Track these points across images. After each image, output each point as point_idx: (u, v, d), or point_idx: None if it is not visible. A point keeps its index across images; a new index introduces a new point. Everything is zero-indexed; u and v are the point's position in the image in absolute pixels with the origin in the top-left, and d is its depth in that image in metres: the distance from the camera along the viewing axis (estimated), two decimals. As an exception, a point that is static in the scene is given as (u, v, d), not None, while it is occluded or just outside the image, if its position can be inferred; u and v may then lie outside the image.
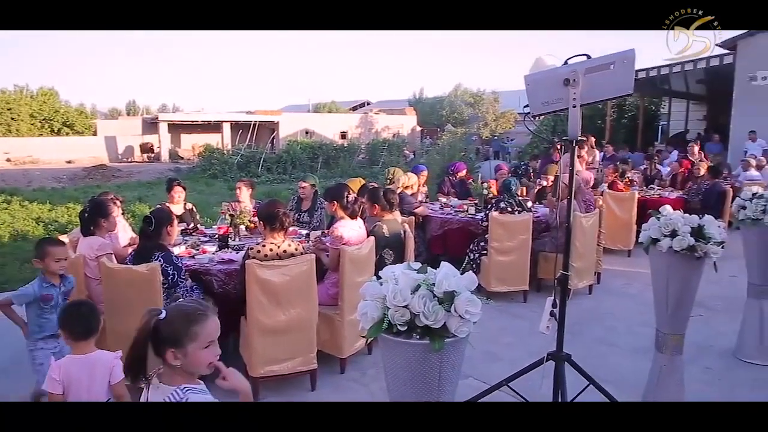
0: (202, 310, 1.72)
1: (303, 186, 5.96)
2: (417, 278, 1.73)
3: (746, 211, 4.27)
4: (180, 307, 1.75)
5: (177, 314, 1.71)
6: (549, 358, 3.28)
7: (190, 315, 1.70)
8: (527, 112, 3.08)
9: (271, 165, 21.89)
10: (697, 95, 21.41)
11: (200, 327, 1.67)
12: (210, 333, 1.69)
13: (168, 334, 1.66)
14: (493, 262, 5.55)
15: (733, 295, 5.36)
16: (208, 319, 1.70)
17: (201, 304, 1.77)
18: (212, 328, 1.71)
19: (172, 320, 1.68)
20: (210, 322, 1.70)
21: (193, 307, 1.74)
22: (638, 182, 9.27)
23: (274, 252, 3.75)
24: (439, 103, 40.55)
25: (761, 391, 3.89)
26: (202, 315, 1.70)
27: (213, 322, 1.72)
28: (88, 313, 2.69)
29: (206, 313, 1.71)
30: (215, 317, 1.74)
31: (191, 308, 1.73)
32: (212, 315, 1.73)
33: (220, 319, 1.74)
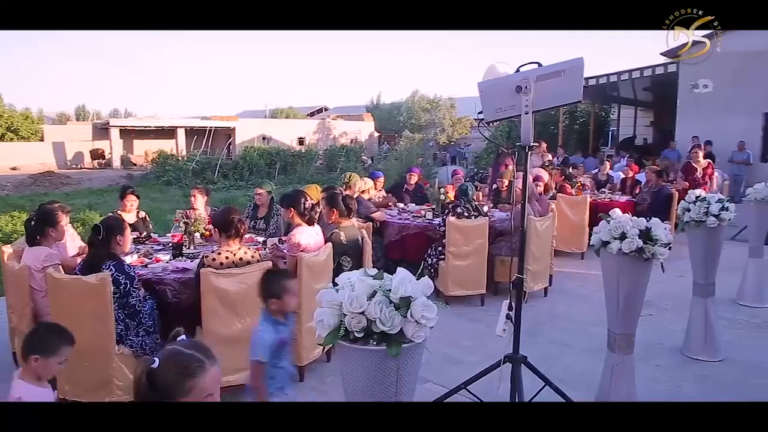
0: (200, 361, 1.54)
1: (259, 193, 5.89)
2: (373, 284, 1.73)
3: (690, 213, 4.45)
4: (176, 357, 1.56)
5: (172, 365, 1.53)
6: (506, 360, 3.33)
7: (186, 367, 1.52)
8: (481, 119, 3.13)
9: (228, 171, 21.55)
10: (644, 102, 22.27)
11: (197, 381, 1.51)
12: (208, 386, 1.52)
13: (161, 387, 1.51)
14: (450, 267, 5.60)
15: (680, 295, 5.56)
16: (207, 371, 1.53)
17: (199, 352, 1.57)
18: (211, 380, 1.54)
19: (166, 371, 1.52)
20: (208, 375, 1.53)
21: (191, 357, 1.55)
22: (590, 186, 9.55)
23: (229, 260, 3.69)
24: (397, 109, 40.88)
25: (706, 386, 4.05)
26: (199, 368, 1.52)
27: (212, 374, 1.54)
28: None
29: (204, 365, 1.53)
30: (215, 368, 1.56)
31: (189, 359, 1.54)
32: (212, 365, 1.55)
33: (171, 330, 1.66)
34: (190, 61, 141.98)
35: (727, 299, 5.78)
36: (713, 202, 4.38)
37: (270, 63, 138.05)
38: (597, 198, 8.74)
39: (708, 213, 4.36)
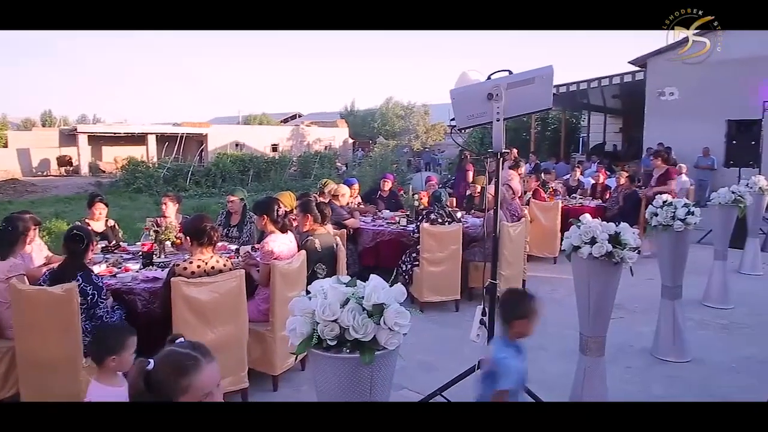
0: (194, 358, 1.54)
1: (231, 200, 5.83)
2: (346, 292, 1.72)
3: (658, 217, 4.55)
4: (170, 356, 1.57)
5: (166, 364, 1.54)
6: (480, 365, 3.35)
7: (180, 365, 1.53)
8: (454, 125, 3.16)
9: (200, 178, 21.28)
10: (614, 109, 22.75)
11: (192, 378, 1.51)
12: (205, 384, 1.52)
13: (157, 388, 1.50)
14: (424, 273, 5.62)
15: (649, 297, 5.66)
16: (202, 368, 1.53)
17: (194, 350, 1.58)
18: (207, 377, 1.54)
19: (161, 371, 1.52)
20: (204, 371, 1.53)
21: (185, 355, 1.56)
22: (562, 192, 9.70)
23: (201, 269, 3.63)
24: (371, 115, 40.97)
25: (675, 386, 4.13)
26: (193, 365, 1.52)
27: (208, 372, 1.54)
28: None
29: (199, 362, 1.53)
30: (212, 364, 1.56)
31: (182, 357, 1.55)
32: (207, 363, 1.55)
33: (142, 341, 1.65)
34: (162, 67, 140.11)
35: (694, 301, 5.91)
36: (679, 206, 4.49)
37: (243, 69, 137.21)
38: (568, 203, 8.88)
39: (675, 217, 4.46)
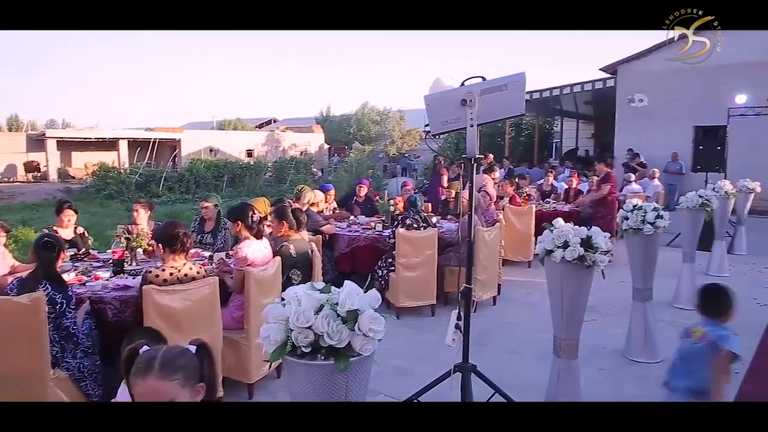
0: (147, 364, 1.58)
1: (205, 206, 5.76)
2: (320, 298, 1.71)
3: (628, 221, 4.64)
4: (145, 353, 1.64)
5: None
6: (455, 370, 3.37)
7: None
8: (428, 131, 3.18)
9: (173, 184, 20.98)
10: (586, 115, 23.17)
11: (135, 381, 1.56)
12: (147, 394, 1.56)
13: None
14: (400, 278, 5.63)
15: (621, 299, 5.75)
16: (146, 379, 1.56)
17: (162, 359, 1.61)
18: (150, 389, 1.56)
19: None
20: (144, 385, 1.56)
21: (145, 357, 1.61)
22: (536, 197, 9.82)
23: (174, 276, 3.58)
24: (347, 120, 40.97)
25: (646, 386, 4.20)
26: (139, 370, 1.57)
27: (147, 386, 1.56)
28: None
29: (149, 371, 1.57)
30: (156, 382, 1.56)
31: (142, 358, 1.61)
32: (152, 378, 1.57)
33: (113, 351, 1.64)
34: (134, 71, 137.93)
35: (665, 302, 6.03)
36: (649, 210, 4.58)
37: (217, 74, 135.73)
38: (542, 208, 8.99)
39: (645, 221, 4.55)
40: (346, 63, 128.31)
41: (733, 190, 7.81)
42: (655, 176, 12.23)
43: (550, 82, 17.76)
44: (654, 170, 12.76)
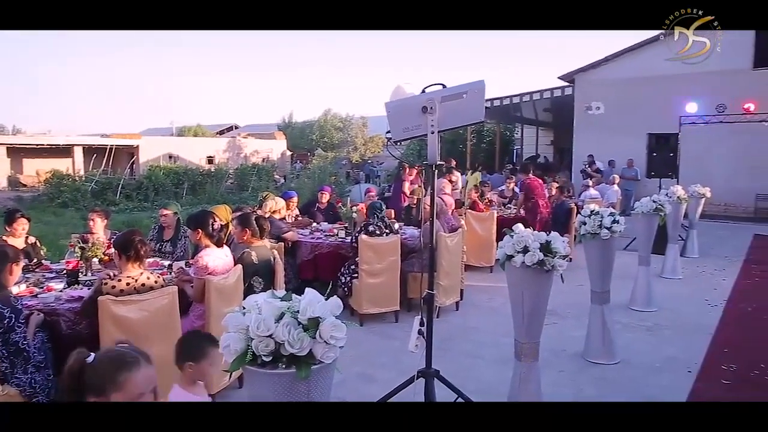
0: (135, 357, 1.62)
1: (164, 214, 5.64)
2: (281, 306, 1.70)
3: (586, 226, 4.75)
4: (112, 351, 1.67)
5: (107, 358, 1.62)
6: (419, 375, 3.38)
7: (121, 360, 1.60)
8: (389, 137, 3.19)
9: (131, 192, 20.49)
10: (545, 122, 23.70)
11: (130, 375, 1.57)
12: (140, 384, 1.58)
13: (92, 381, 1.55)
14: (363, 285, 5.62)
15: (580, 302, 5.88)
16: (140, 367, 1.60)
17: (136, 351, 1.67)
18: (144, 377, 1.60)
19: (100, 364, 1.58)
20: (141, 371, 1.60)
21: (126, 353, 1.64)
22: (497, 202, 9.96)
23: (131, 286, 3.48)
24: (309, 127, 40.89)
25: (605, 387, 4.31)
26: (133, 362, 1.59)
27: (144, 372, 1.60)
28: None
29: (138, 361, 1.61)
30: (150, 369, 1.62)
31: (124, 353, 1.63)
32: (145, 365, 1.62)
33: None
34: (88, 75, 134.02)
35: (621, 305, 6.20)
36: (606, 215, 4.70)
37: (176, 79, 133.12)
38: (503, 213, 9.13)
39: (602, 226, 4.67)
40: (308, 69, 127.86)
41: (685, 196, 8.10)
42: (615, 182, 12.58)
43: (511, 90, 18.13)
44: (614, 176, 13.13)
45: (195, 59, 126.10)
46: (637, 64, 15.70)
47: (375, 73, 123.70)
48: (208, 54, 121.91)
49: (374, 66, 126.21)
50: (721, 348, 5.11)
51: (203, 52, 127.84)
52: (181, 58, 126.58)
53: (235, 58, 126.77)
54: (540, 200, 8.40)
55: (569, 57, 55.32)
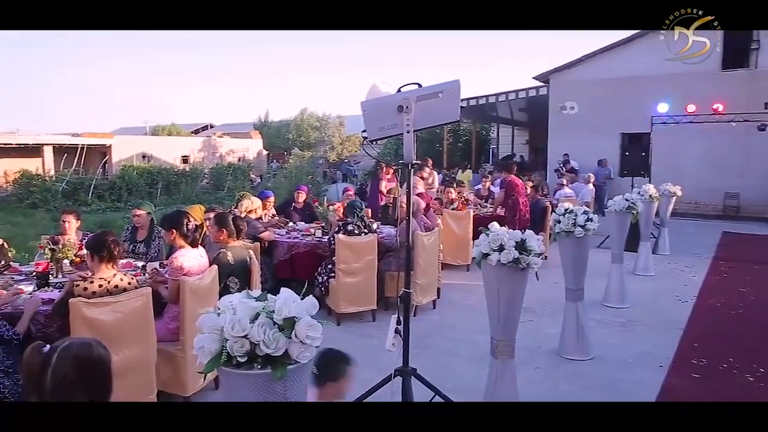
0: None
1: (138, 214, 5.55)
2: (256, 306, 1.68)
3: (561, 224, 4.81)
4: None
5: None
6: (396, 374, 3.39)
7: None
8: (365, 137, 3.20)
9: (104, 192, 20.13)
10: (520, 122, 23.93)
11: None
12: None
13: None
14: (340, 284, 5.61)
15: (555, 300, 5.96)
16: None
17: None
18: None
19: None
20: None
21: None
22: (473, 201, 10.03)
23: (104, 288, 3.43)
24: (286, 126, 40.64)
25: (579, 383, 4.38)
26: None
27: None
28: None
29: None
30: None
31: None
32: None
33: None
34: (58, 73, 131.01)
35: (595, 302, 6.30)
36: (580, 214, 4.77)
37: (149, 78, 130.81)
38: (480, 212, 9.20)
39: (576, 224, 4.74)
40: (284, 67, 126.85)
41: (657, 194, 8.26)
42: (589, 181, 12.77)
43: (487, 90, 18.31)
44: (588, 175, 13.32)
45: (169, 57, 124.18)
46: (610, 65, 15.97)
47: (351, 72, 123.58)
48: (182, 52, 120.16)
49: (351, 65, 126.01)
50: (691, 343, 5.23)
51: (177, 50, 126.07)
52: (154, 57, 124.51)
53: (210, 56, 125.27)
54: (520, 198, 8.49)
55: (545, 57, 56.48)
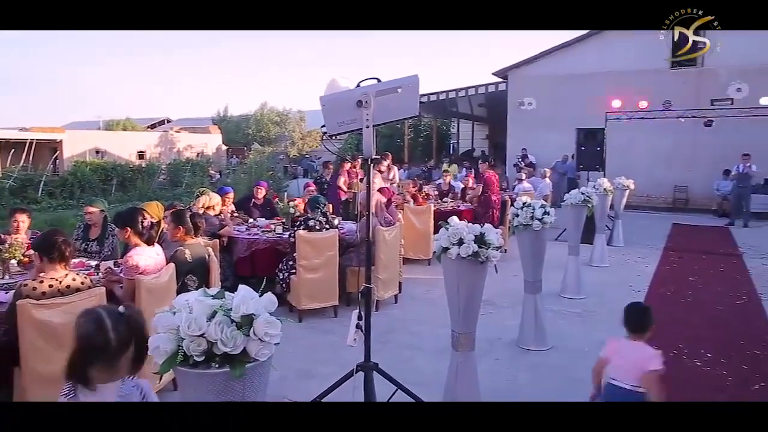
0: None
1: (90, 211, 5.37)
2: (213, 304, 1.65)
3: (519, 218, 4.90)
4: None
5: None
6: (358, 369, 3.39)
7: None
8: (325, 132, 3.17)
9: (54, 189, 19.38)
10: (480, 117, 24.21)
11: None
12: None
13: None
14: (302, 280, 5.57)
15: (515, 292, 6.06)
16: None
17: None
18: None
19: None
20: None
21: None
22: (434, 196, 10.11)
23: (54, 288, 3.30)
24: (245, 121, 40.01)
25: (538, 373, 4.47)
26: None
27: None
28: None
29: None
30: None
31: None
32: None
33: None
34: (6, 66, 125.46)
35: (553, 293, 6.44)
36: (537, 207, 4.87)
37: (103, 70, 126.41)
38: (440, 206, 9.27)
39: (533, 217, 4.83)
40: (243, 61, 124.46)
41: (611, 188, 8.49)
42: (546, 176, 13.02)
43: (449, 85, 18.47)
44: (545, 170, 13.58)
45: (123, 50, 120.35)
46: (567, 62, 16.31)
47: (311, 67, 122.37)
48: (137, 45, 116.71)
49: (310, 60, 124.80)
50: (643, 331, 5.41)
51: (132, 43, 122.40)
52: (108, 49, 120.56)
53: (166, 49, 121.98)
54: (493, 195, 8.60)
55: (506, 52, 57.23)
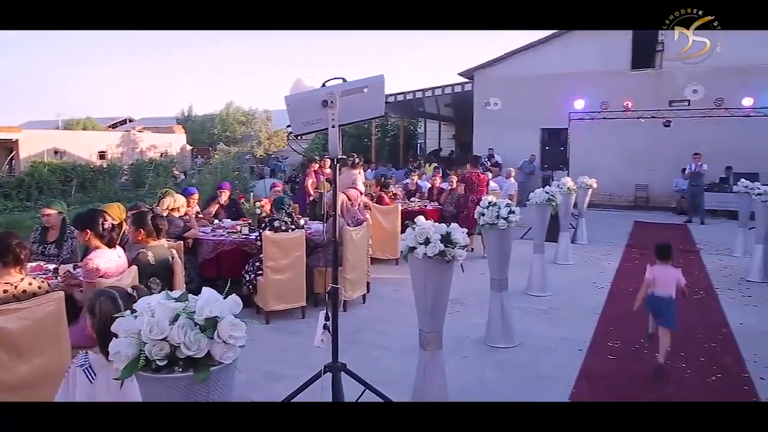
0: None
1: (48, 213, 5.21)
2: (175, 307, 1.62)
3: (485, 217, 4.95)
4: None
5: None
6: (326, 370, 3.38)
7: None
8: (290, 131, 3.15)
9: (10, 190, 18.75)
10: (447, 117, 24.39)
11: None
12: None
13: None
14: (269, 282, 5.51)
15: (482, 290, 6.11)
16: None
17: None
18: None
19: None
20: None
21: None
22: (401, 195, 10.14)
23: (9, 293, 3.20)
24: (210, 121, 39.45)
25: (505, 370, 4.53)
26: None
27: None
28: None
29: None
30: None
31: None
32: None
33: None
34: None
35: (519, 291, 6.54)
36: (502, 206, 4.93)
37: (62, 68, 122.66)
38: (408, 206, 9.30)
39: (499, 216, 4.89)
40: (208, 59, 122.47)
41: (575, 187, 8.67)
42: (511, 175, 13.19)
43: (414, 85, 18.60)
44: (510, 169, 13.76)
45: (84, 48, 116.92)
46: (531, 63, 16.56)
47: (277, 66, 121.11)
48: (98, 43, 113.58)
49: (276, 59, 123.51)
50: (607, 326, 5.54)
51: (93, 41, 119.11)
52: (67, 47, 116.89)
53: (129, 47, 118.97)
54: (471, 195, 8.66)
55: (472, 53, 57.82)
